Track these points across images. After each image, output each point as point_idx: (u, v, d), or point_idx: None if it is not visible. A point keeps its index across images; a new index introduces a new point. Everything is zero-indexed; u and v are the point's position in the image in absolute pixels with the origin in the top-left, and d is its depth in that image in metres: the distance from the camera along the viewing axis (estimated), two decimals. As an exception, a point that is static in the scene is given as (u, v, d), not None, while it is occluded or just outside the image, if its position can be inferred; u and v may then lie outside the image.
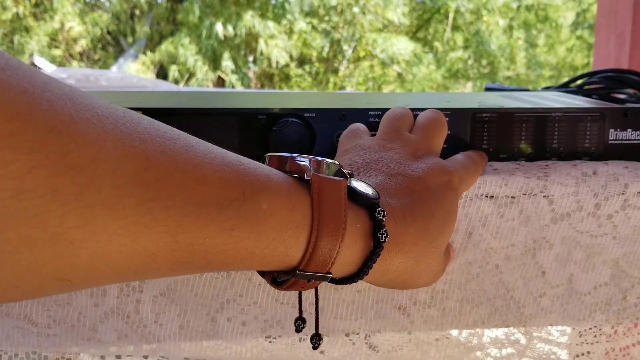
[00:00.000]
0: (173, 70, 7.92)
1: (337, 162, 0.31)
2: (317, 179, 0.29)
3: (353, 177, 0.32)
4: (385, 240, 0.30)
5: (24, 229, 0.21)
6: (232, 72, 7.97)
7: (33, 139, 0.21)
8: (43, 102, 0.22)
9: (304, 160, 0.30)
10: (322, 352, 0.44)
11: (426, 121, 0.40)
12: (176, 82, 7.72)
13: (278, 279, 0.30)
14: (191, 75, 7.89)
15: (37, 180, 0.21)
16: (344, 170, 0.31)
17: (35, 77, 0.22)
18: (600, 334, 0.48)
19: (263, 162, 0.30)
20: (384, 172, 0.35)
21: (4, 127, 0.20)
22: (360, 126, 0.42)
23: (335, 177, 0.30)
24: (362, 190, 0.31)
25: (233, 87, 7.81)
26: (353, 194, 0.30)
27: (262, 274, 0.32)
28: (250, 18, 7.75)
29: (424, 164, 0.36)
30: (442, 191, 0.35)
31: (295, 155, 0.30)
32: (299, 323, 0.34)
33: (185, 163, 0.25)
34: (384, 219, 0.30)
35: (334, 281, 0.32)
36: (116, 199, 0.23)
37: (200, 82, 7.73)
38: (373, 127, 0.43)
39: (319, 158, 0.31)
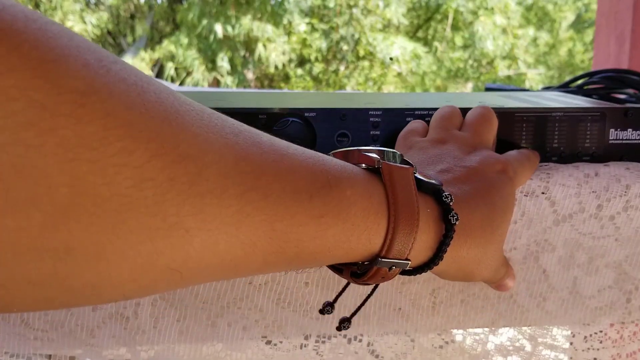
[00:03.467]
0: (169, 69, 7.91)
1: (399, 152, 0.32)
2: (387, 167, 0.30)
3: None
4: (455, 223, 0.31)
5: (145, 218, 0.21)
6: (228, 73, 7.96)
7: (149, 128, 0.22)
8: (152, 94, 0.23)
9: (372, 152, 0.31)
10: (324, 359, 0.44)
11: (475, 118, 0.41)
12: (172, 80, 7.72)
13: (359, 270, 0.30)
14: (187, 74, 7.88)
15: (156, 169, 0.21)
16: (407, 160, 0.32)
17: (139, 72, 0.23)
18: (606, 339, 0.48)
19: None
20: (440, 167, 0.36)
21: (123, 116, 0.21)
22: (416, 126, 0.42)
23: (403, 165, 0.31)
24: (425, 178, 0.32)
25: (227, 87, 7.81)
26: (417, 182, 0.31)
27: (340, 271, 0.32)
28: (249, 21, 7.75)
29: (477, 156, 0.37)
30: (499, 179, 0.36)
31: (361, 147, 0.31)
32: (328, 308, 0.35)
33: (274, 154, 0.26)
34: (451, 203, 0.31)
35: (411, 272, 0.32)
36: (222, 187, 0.24)
37: (197, 82, 7.72)
38: (374, 126, 0.43)
39: (383, 149, 0.31)
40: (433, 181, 0.32)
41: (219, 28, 7.70)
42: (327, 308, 0.35)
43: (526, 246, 0.43)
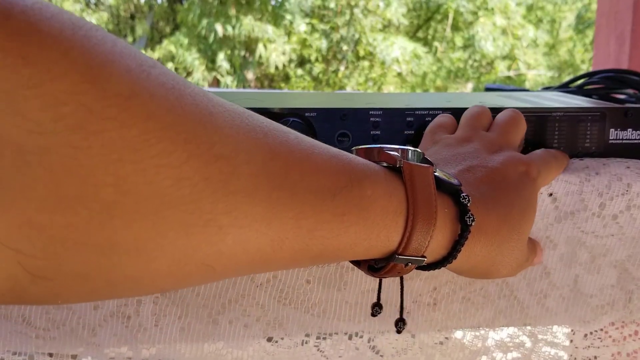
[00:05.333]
0: (169, 69, 7.90)
1: (420, 150, 0.33)
2: (408, 166, 0.30)
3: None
4: (472, 224, 0.32)
5: (182, 215, 0.23)
6: (228, 73, 7.95)
7: (186, 130, 0.23)
8: (188, 97, 0.24)
9: (393, 150, 0.31)
10: (325, 356, 0.44)
11: (504, 119, 0.42)
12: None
13: (376, 265, 0.31)
14: (187, 74, 7.88)
15: (193, 169, 0.23)
16: (428, 158, 0.33)
17: (176, 75, 0.24)
18: (607, 338, 0.48)
19: None
20: (462, 166, 0.36)
21: (163, 119, 0.22)
22: (444, 121, 0.43)
23: (423, 164, 0.31)
24: (445, 178, 0.32)
25: (227, 87, 7.81)
26: (437, 182, 0.31)
27: (357, 263, 0.33)
28: (249, 22, 7.75)
29: (501, 157, 0.37)
30: (520, 181, 0.36)
31: (383, 145, 0.32)
32: (376, 309, 0.37)
33: (300, 153, 0.27)
34: (468, 204, 0.32)
35: (425, 267, 0.33)
36: (253, 187, 0.25)
37: (196, 82, 7.72)
38: (374, 126, 0.44)
39: (404, 147, 0.32)
40: (452, 181, 0.32)
41: (219, 28, 7.70)
42: (376, 309, 0.37)
43: None
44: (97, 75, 0.21)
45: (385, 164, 0.31)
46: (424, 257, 0.31)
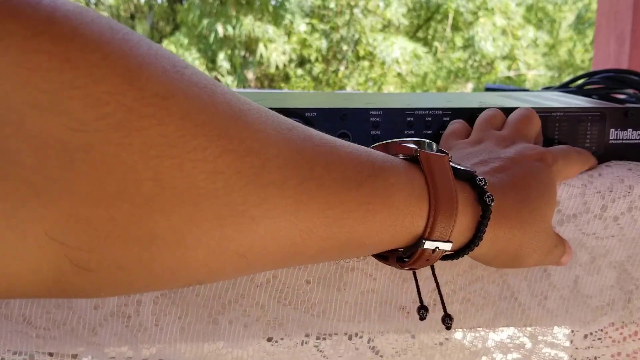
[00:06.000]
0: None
1: (433, 142, 0.34)
2: (425, 155, 0.32)
3: None
4: (491, 203, 0.32)
5: (217, 207, 0.24)
6: (228, 73, 7.96)
7: (219, 127, 0.24)
8: (219, 95, 0.25)
9: (409, 142, 0.33)
10: (325, 356, 0.44)
11: (515, 117, 0.43)
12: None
13: (404, 255, 0.32)
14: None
15: (226, 163, 0.24)
16: (442, 149, 0.34)
17: (206, 75, 0.26)
18: (606, 338, 0.48)
19: None
20: (475, 160, 0.37)
21: (197, 117, 0.23)
22: (456, 127, 0.43)
23: (439, 153, 0.32)
24: (460, 165, 0.33)
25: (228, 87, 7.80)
26: (453, 170, 0.32)
27: (385, 259, 0.34)
28: (249, 22, 7.75)
29: (514, 148, 0.38)
30: (535, 166, 0.37)
31: (398, 140, 0.34)
32: (423, 312, 0.37)
33: (324, 147, 0.28)
34: (485, 186, 0.33)
35: (452, 256, 0.34)
36: (282, 179, 0.26)
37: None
38: (374, 126, 0.44)
39: (419, 139, 0.34)
40: (467, 168, 0.33)
41: (219, 28, 7.70)
42: (422, 311, 0.37)
43: None
44: (136, 77, 0.22)
45: (402, 156, 0.32)
46: (450, 241, 0.31)
